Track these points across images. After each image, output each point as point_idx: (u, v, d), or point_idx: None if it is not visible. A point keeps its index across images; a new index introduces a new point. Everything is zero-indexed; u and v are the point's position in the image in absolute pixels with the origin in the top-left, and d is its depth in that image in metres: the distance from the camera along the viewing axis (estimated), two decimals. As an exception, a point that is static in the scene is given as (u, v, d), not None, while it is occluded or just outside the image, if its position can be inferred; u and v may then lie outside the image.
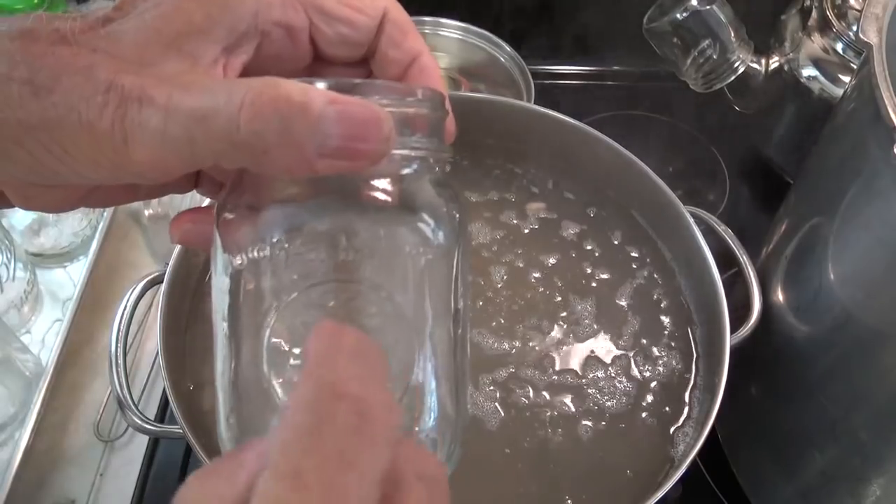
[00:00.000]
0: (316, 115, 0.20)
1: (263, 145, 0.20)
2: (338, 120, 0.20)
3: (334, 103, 0.20)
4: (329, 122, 0.20)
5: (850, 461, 0.45)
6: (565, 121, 0.55)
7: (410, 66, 0.26)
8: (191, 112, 0.20)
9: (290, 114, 0.20)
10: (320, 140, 0.20)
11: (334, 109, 0.20)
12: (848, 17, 0.61)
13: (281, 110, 0.20)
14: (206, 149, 0.20)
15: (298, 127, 0.20)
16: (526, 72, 0.74)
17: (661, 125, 0.80)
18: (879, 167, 0.37)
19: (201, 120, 0.20)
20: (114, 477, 0.56)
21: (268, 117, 0.20)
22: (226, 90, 0.20)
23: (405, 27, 0.26)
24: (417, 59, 0.26)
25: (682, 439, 0.45)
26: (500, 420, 0.46)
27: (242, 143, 0.20)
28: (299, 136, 0.20)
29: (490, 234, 0.54)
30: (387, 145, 0.21)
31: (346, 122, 0.20)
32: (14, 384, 0.55)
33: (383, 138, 0.20)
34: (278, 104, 0.20)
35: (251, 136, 0.20)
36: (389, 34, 0.25)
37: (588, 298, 0.51)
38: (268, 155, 0.20)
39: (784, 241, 0.49)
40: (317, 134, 0.20)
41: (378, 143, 0.20)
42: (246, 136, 0.20)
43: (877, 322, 0.40)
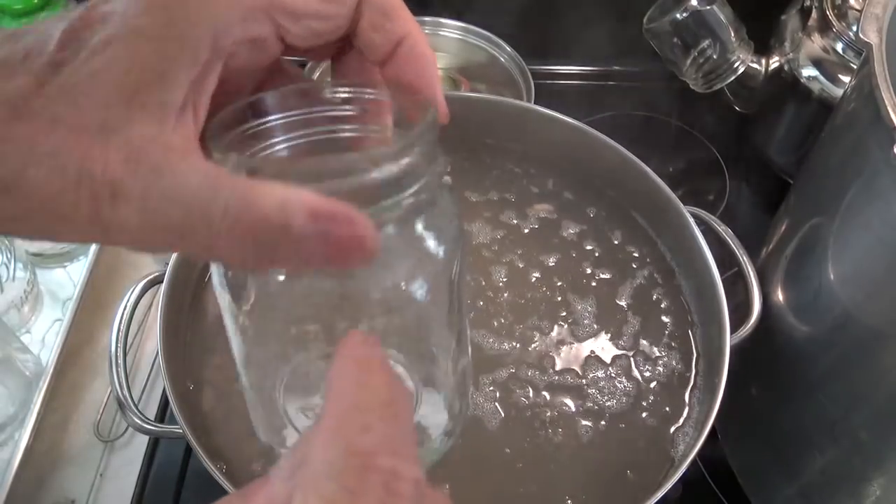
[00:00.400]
0: (296, 236, 0.19)
1: (242, 263, 0.20)
2: (319, 241, 0.19)
3: (315, 219, 0.19)
4: (310, 242, 0.19)
5: (850, 461, 0.45)
6: (565, 121, 0.55)
7: (396, 49, 0.24)
8: (168, 225, 0.19)
9: (270, 238, 0.19)
10: (302, 258, 0.19)
11: (316, 229, 0.19)
12: (848, 17, 0.61)
13: (259, 236, 0.19)
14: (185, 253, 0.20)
15: (279, 248, 0.19)
16: (526, 72, 0.74)
17: (661, 125, 0.80)
18: (879, 167, 0.37)
19: (180, 236, 0.19)
20: (114, 477, 0.56)
21: (246, 244, 0.19)
22: (200, 202, 0.19)
23: (386, 8, 0.24)
24: (403, 41, 0.24)
25: (682, 439, 0.45)
26: (500, 420, 0.46)
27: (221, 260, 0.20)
28: (280, 256, 0.19)
29: (490, 233, 0.54)
30: (371, 258, 0.20)
31: (328, 241, 0.19)
32: (14, 384, 0.55)
33: (367, 254, 0.19)
34: (256, 230, 0.19)
35: (230, 257, 0.20)
36: (369, 18, 0.24)
37: (588, 298, 0.51)
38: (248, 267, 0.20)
39: (784, 241, 0.49)
40: (297, 254, 0.19)
41: (361, 258, 0.19)
42: (225, 257, 0.20)
43: (877, 322, 0.40)
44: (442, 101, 0.24)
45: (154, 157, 0.19)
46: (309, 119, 0.23)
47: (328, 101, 0.23)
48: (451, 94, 0.69)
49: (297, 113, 0.23)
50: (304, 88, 0.23)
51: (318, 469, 0.18)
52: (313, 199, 0.19)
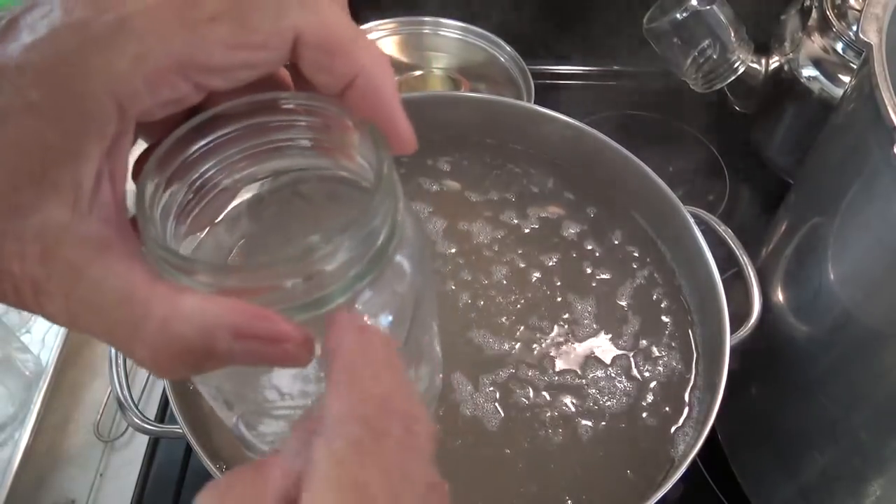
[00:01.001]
0: (223, 355, 0.18)
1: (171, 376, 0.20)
2: (247, 355, 0.18)
3: (240, 339, 0.18)
4: (237, 357, 0.18)
5: (850, 461, 0.45)
6: (565, 121, 0.55)
7: (349, 87, 0.21)
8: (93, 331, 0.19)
9: (195, 362, 0.18)
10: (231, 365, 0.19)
11: (241, 348, 0.18)
12: (848, 17, 0.61)
13: (185, 361, 0.18)
14: None
15: (207, 365, 0.19)
16: (526, 72, 0.74)
17: (661, 125, 0.80)
18: (879, 167, 0.37)
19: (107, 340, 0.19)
20: (114, 477, 0.56)
21: (172, 368, 0.19)
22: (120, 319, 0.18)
23: (331, 47, 0.20)
24: (356, 79, 0.21)
25: (682, 439, 0.45)
26: (500, 420, 0.46)
27: None
28: (207, 369, 0.19)
29: (491, 233, 0.54)
30: (307, 361, 0.19)
31: (255, 355, 0.18)
32: (14, 384, 0.55)
33: (301, 361, 0.19)
34: (181, 358, 0.18)
35: (157, 374, 0.19)
36: (310, 60, 0.20)
37: (588, 298, 0.51)
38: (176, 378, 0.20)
39: (784, 241, 0.49)
40: (226, 365, 0.19)
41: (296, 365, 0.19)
42: (153, 372, 0.19)
43: (877, 322, 0.40)
44: (406, 133, 0.22)
45: (69, 256, 0.18)
46: (265, 128, 0.21)
47: (288, 112, 0.21)
48: (452, 95, 0.69)
49: (252, 122, 0.21)
50: (261, 100, 0.21)
51: (338, 416, 0.18)
52: (238, 314, 0.18)
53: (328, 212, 0.24)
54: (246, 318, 0.18)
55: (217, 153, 0.21)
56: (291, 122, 0.21)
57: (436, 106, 0.57)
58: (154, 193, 0.20)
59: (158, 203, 0.20)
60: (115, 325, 0.18)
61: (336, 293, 0.19)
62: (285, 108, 0.21)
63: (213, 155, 0.21)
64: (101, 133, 0.19)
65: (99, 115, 0.18)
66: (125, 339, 0.18)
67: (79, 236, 0.18)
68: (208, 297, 0.18)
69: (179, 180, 0.20)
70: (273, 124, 0.21)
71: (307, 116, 0.21)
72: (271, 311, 0.18)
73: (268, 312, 0.18)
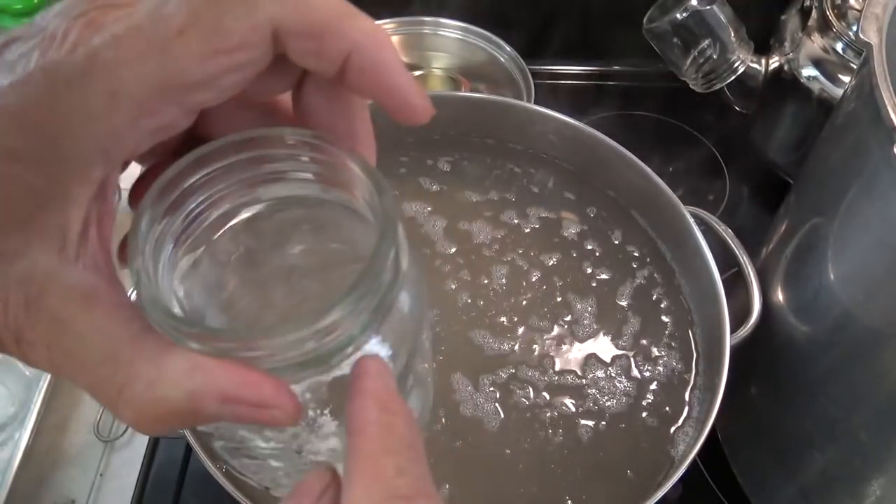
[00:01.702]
0: (211, 417, 0.18)
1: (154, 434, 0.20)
2: (235, 419, 0.18)
3: (227, 403, 0.17)
4: (226, 419, 0.18)
5: (850, 461, 0.45)
6: (565, 121, 0.55)
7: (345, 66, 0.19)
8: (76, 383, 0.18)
9: (180, 424, 0.18)
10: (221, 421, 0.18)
11: (228, 412, 0.18)
12: (848, 17, 0.61)
13: (171, 424, 0.18)
14: None
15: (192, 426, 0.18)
16: (526, 72, 0.74)
17: (661, 125, 0.80)
18: (879, 167, 0.37)
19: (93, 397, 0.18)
20: (114, 477, 0.56)
21: (157, 429, 0.18)
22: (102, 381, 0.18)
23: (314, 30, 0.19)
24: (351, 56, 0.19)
25: (682, 439, 0.45)
26: (500, 421, 0.46)
27: None
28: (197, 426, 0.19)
29: (491, 233, 0.54)
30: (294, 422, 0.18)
31: (244, 418, 0.18)
32: (14, 384, 0.56)
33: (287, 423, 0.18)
34: (166, 421, 0.18)
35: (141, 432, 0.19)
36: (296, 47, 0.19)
37: (588, 298, 0.51)
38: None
39: (784, 241, 0.49)
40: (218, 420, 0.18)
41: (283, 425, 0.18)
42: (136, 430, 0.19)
43: (877, 322, 0.40)
44: (417, 102, 0.20)
45: (54, 306, 0.18)
46: (266, 159, 0.20)
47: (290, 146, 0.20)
48: (452, 95, 0.69)
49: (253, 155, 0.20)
50: (263, 135, 0.20)
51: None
52: (226, 380, 0.17)
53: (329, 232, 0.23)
54: (235, 384, 0.17)
55: (217, 183, 0.20)
56: (294, 156, 0.21)
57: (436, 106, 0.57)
58: (148, 229, 0.19)
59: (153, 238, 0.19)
60: (99, 382, 0.18)
61: (336, 350, 0.18)
62: (288, 142, 0.20)
63: (213, 184, 0.20)
64: (86, 178, 0.18)
65: (81, 159, 0.18)
66: (109, 399, 0.18)
67: (64, 285, 0.18)
68: (197, 358, 0.17)
69: (176, 211, 0.20)
70: (275, 156, 0.21)
71: (310, 152, 0.20)
72: (262, 375, 0.18)
73: (258, 378, 0.18)
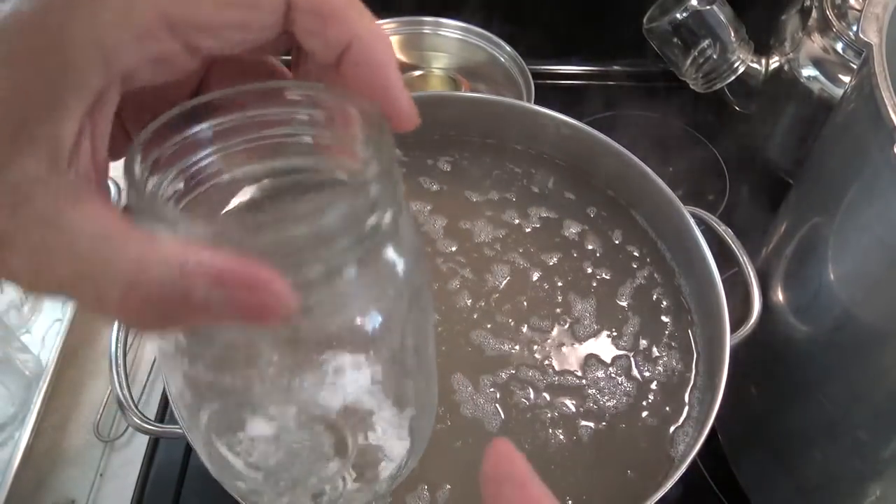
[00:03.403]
0: (200, 302, 0.17)
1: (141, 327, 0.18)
2: (227, 304, 0.17)
3: (219, 285, 0.17)
4: (216, 306, 0.17)
5: (850, 461, 0.45)
6: (565, 121, 0.55)
7: (343, 56, 0.20)
8: (60, 283, 0.17)
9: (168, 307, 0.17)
10: (207, 320, 0.17)
11: (219, 296, 0.17)
12: (848, 17, 0.61)
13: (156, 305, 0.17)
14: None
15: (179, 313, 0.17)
16: (526, 72, 0.74)
17: (661, 125, 0.80)
18: (879, 167, 0.37)
19: (70, 295, 0.17)
20: (114, 477, 0.56)
21: (142, 311, 0.17)
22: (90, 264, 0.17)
23: (324, 11, 0.20)
24: (350, 47, 0.20)
25: (682, 439, 0.45)
26: (500, 422, 0.46)
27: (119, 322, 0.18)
28: (181, 319, 0.17)
29: (491, 233, 0.54)
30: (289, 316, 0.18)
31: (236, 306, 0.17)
32: (14, 384, 0.55)
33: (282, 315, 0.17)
34: (152, 300, 0.17)
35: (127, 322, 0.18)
36: (303, 24, 0.20)
37: (588, 298, 0.51)
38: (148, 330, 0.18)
39: (784, 241, 0.49)
40: (202, 315, 0.17)
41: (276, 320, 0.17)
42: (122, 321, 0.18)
43: (877, 322, 0.40)
44: (404, 107, 0.21)
45: (42, 206, 0.17)
46: (264, 121, 0.20)
47: (290, 103, 0.20)
48: (451, 95, 0.69)
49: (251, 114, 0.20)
50: (262, 89, 0.20)
51: None
52: (217, 261, 0.17)
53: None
54: (228, 263, 0.17)
55: (212, 143, 0.20)
56: (292, 115, 0.20)
57: (436, 106, 0.57)
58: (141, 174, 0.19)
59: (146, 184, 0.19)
60: (84, 269, 0.17)
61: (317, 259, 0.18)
62: (288, 98, 0.20)
63: (208, 144, 0.20)
64: (84, 85, 0.18)
65: (82, 65, 0.18)
66: (95, 281, 0.17)
67: (53, 189, 0.18)
68: (189, 241, 0.17)
69: (170, 166, 0.19)
70: (273, 117, 0.20)
71: (310, 108, 0.20)
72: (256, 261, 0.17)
73: (252, 261, 0.17)
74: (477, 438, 0.45)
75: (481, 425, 0.45)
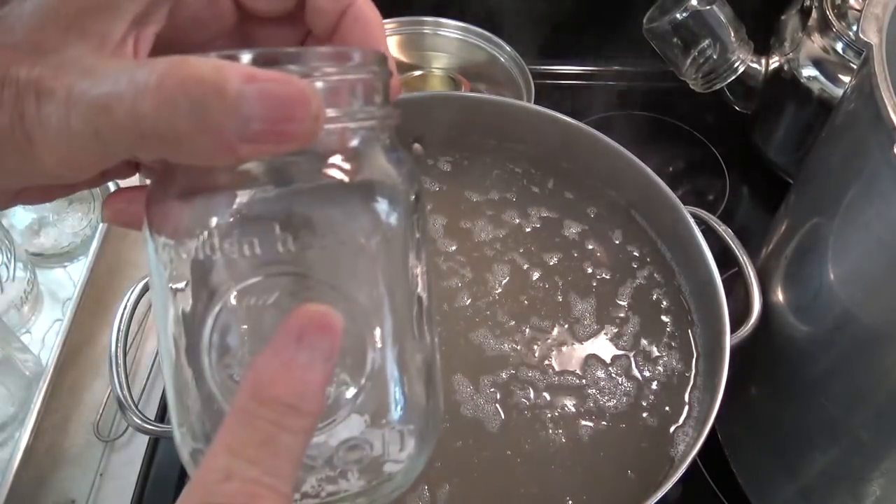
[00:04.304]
0: (233, 96, 0.17)
1: (175, 134, 0.17)
2: (258, 99, 0.17)
3: (252, 80, 0.17)
4: (248, 102, 0.17)
5: (850, 461, 0.45)
6: (565, 121, 0.55)
7: (344, 15, 0.24)
8: (92, 102, 0.18)
9: (203, 97, 0.17)
10: (241, 124, 0.17)
11: (254, 88, 0.17)
12: (848, 17, 0.61)
13: (192, 93, 0.17)
14: (115, 142, 0.18)
15: (214, 111, 0.17)
16: (526, 72, 0.74)
17: (661, 125, 0.80)
18: (879, 167, 0.37)
19: (104, 110, 0.17)
20: (114, 477, 0.56)
21: (177, 102, 0.17)
22: (128, 74, 0.17)
23: None
24: (350, 6, 0.24)
25: (682, 439, 0.45)
26: (500, 422, 0.46)
27: (152, 133, 0.17)
28: (216, 122, 0.17)
29: (491, 233, 0.54)
30: (316, 124, 0.18)
31: (267, 101, 0.17)
32: (14, 384, 0.55)
33: (311, 116, 0.18)
34: (188, 86, 0.17)
35: (160, 124, 0.17)
36: None
37: (589, 298, 0.51)
38: (182, 144, 0.17)
39: (784, 241, 0.49)
40: (236, 117, 0.17)
41: (306, 122, 0.18)
42: (154, 124, 0.17)
43: (877, 322, 0.40)
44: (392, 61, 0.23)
45: (86, 62, 0.19)
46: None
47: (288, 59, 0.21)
48: (452, 95, 0.69)
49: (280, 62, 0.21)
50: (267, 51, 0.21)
51: None
52: (250, 66, 0.18)
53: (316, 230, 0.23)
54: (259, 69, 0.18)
55: None
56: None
57: (436, 106, 0.57)
58: None
59: None
60: (121, 78, 0.18)
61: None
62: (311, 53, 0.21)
63: None
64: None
65: None
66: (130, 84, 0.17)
67: (97, 56, 0.19)
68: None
69: None
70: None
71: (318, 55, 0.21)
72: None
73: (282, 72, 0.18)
74: (477, 439, 0.45)
75: (482, 425, 0.45)
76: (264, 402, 0.18)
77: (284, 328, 0.18)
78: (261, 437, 0.18)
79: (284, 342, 0.18)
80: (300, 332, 0.18)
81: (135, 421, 0.44)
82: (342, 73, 0.20)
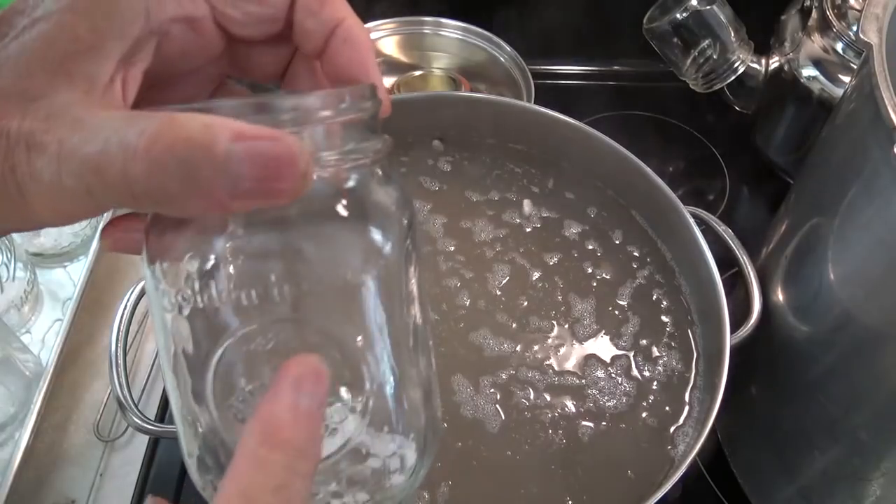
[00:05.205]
0: (222, 155, 0.17)
1: (166, 195, 0.18)
2: (247, 158, 0.17)
3: (241, 138, 0.17)
4: (237, 162, 0.17)
5: (850, 461, 0.45)
6: (565, 121, 0.55)
7: (331, 36, 0.24)
8: (84, 160, 0.18)
9: (193, 157, 0.17)
10: (230, 182, 0.17)
11: (242, 147, 0.17)
12: (848, 17, 0.61)
13: (181, 154, 0.17)
14: (107, 199, 0.18)
15: (204, 171, 0.17)
16: (526, 72, 0.74)
17: (661, 125, 0.80)
18: (879, 167, 0.37)
19: (95, 170, 0.18)
20: (114, 477, 0.56)
21: (167, 165, 0.17)
22: (118, 135, 0.18)
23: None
24: (339, 27, 0.24)
25: (682, 439, 0.45)
26: (500, 422, 0.46)
27: (143, 195, 0.17)
28: (206, 181, 0.17)
29: (491, 233, 0.54)
30: (304, 181, 0.18)
31: (256, 160, 0.17)
32: (14, 384, 0.55)
33: (300, 175, 0.18)
34: (177, 149, 0.17)
35: (152, 186, 0.17)
36: (303, 4, 0.24)
37: (588, 298, 0.51)
38: (174, 202, 0.18)
39: (784, 241, 0.49)
40: (226, 176, 0.17)
41: (295, 180, 0.18)
42: (146, 187, 0.17)
43: (877, 322, 0.40)
44: (382, 85, 0.24)
45: (75, 112, 0.19)
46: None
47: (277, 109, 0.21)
48: (452, 95, 0.69)
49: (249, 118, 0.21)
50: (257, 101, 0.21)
51: None
52: (239, 123, 0.18)
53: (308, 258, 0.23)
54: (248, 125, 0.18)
55: None
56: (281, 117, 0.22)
57: (436, 106, 0.57)
58: None
59: None
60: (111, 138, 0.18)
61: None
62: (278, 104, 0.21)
63: None
64: (125, 33, 0.20)
65: (127, 15, 0.20)
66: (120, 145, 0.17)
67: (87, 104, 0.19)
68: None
69: None
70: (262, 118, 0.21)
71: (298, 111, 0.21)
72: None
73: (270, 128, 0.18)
74: (477, 439, 0.45)
75: (482, 426, 0.45)
76: (276, 447, 0.18)
77: (284, 375, 0.19)
78: (276, 482, 0.18)
79: (285, 389, 0.19)
80: (297, 380, 0.19)
81: (135, 421, 0.44)
82: (334, 117, 0.20)
